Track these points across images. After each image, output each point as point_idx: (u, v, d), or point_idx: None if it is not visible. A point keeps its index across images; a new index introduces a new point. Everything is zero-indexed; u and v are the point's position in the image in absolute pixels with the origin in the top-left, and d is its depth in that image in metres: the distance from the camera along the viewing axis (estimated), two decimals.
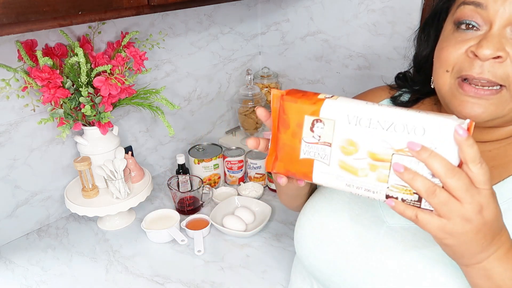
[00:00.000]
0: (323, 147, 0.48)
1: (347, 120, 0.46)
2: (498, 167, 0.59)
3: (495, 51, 0.51)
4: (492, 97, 0.54)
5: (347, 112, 0.46)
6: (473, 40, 0.54)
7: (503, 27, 0.52)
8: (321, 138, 0.48)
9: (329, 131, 0.47)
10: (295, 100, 0.50)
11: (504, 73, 0.52)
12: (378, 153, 0.45)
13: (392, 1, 1.12)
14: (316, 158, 0.49)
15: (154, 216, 1.09)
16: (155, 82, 1.22)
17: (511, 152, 0.59)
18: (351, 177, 0.47)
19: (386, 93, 0.75)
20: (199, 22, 1.28)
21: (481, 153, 0.60)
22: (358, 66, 1.27)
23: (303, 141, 0.50)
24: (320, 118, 0.48)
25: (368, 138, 0.45)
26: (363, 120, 0.45)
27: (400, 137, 0.43)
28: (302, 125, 0.49)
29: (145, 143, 1.28)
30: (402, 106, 0.71)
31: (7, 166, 1.00)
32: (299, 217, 0.73)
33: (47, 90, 0.88)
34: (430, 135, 0.42)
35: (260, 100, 1.41)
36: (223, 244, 1.03)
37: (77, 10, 0.69)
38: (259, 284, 0.91)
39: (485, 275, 0.48)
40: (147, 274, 0.94)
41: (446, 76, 0.57)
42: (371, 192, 0.46)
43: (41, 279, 0.93)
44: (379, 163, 0.45)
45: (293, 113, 0.50)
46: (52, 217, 1.13)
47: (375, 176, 0.45)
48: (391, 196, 0.45)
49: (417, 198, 0.44)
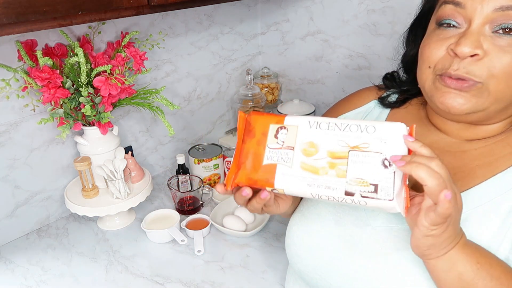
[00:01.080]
0: (286, 151, 0.53)
1: (309, 125, 0.53)
2: (482, 166, 0.59)
3: (473, 49, 0.52)
4: (473, 88, 0.55)
5: (308, 119, 0.53)
6: (454, 38, 0.55)
7: (482, 25, 0.53)
8: (285, 143, 0.53)
9: (292, 136, 0.53)
10: (261, 114, 0.56)
11: (482, 69, 0.53)
12: (336, 151, 0.51)
13: (392, 1, 1.12)
14: (279, 162, 0.54)
15: (154, 216, 1.09)
16: (155, 82, 1.22)
17: (497, 150, 0.60)
18: (312, 177, 0.52)
19: (374, 94, 0.76)
20: (199, 22, 1.28)
21: (466, 151, 0.63)
22: (358, 66, 1.27)
23: (267, 147, 0.54)
24: (285, 125, 0.54)
25: (327, 139, 0.51)
26: (322, 124, 0.52)
27: (354, 135, 0.50)
28: (267, 133, 0.54)
29: (145, 143, 1.28)
30: (390, 106, 0.73)
31: (7, 166, 1.00)
32: (288, 224, 0.74)
33: (47, 90, 0.88)
34: (379, 132, 0.49)
35: (260, 100, 1.41)
36: (223, 244, 1.03)
37: (77, 10, 0.69)
38: (259, 284, 0.91)
39: (449, 265, 0.51)
40: (147, 274, 0.94)
41: (429, 71, 0.59)
42: (331, 189, 0.51)
43: (41, 279, 0.93)
44: (338, 160, 0.50)
45: (259, 124, 0.55)
46: (52, 217, 1.13)
47: (334, 173, 0.50)
48: (349, 190, 0.50)
49: (373, 188, 0.48)
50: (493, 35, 0.53)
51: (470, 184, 0.58)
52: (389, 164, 0.48)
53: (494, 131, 0.61)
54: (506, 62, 0.52)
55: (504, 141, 0.60)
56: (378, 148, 0.49)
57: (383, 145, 0.49)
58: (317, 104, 1.43)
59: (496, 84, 0.53)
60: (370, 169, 0.48)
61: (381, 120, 0.72)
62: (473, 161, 0.60)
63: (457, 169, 0.61)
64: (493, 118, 0.59)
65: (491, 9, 0.52)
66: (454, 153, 0.62)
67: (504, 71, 0.52)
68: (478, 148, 0.61)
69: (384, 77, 0.77)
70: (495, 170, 0.58)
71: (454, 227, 0.49)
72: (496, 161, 0.59)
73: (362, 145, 0.49)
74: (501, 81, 0.53)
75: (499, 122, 0.60)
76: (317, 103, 1.43)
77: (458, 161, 0.61)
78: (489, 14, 0.52)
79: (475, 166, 0.60)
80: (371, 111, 0.74)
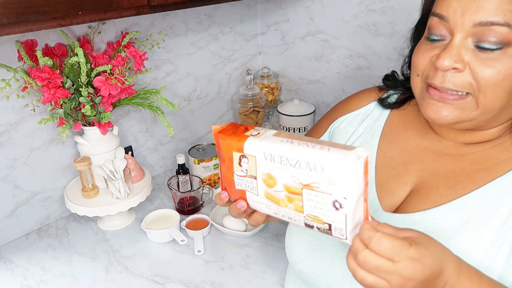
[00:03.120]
0: (250, 179, 0.53)
1: (264, 157, 0.51)
2: (481, 170, 0.59)
3: (453, 63, 0.53)
4: (456, 102, 0.55)
5: (263, 150, 0.51)
6: (439, 49, 0.56)
7: (464, 38, 0.53)
8: (248, 172, 0.53)
9: (252, 166, 0.52)
10: (225, 138, 0.54)
11: (464, 81, 0.54)
12: (291, 187, 0.49)
13: (392, 1, 1.12)
14: (247, 189, 0.54)
15: (154, 216, 1.09)
16: (155, 82, 1.22)
17: (495, 155, 0.60)
18: (276, 206, 0.52)
19: (374, 95, 0.76)
20: (199, 22, 1.28)
21: (465, 155, 0.62)
22: (358, 66, 1.27)
23: (235, 174, 0.55)
24: (245, 154, 0.52)
25: (281, 173, 0.50)
26: (275, 157, 0.50)
27: (305, 173, 0.48)
28: (232, 160, 0.54)
29: (145, 143, 1.28)
30: (389, 107, 0.73)
31: (7, 166, 1.00)
32: (288, 224, 0.75)
33: (47, 90, 0.88)
34: (328, 172, 0.46)
35: (260, 100, 1.41)
36: (223, 244, 1.03)
37: (77, 10, 0.69)
38: (259, 284, 0.91)
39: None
40: (147, 274, 0.94)
41: (418, 79, 0.60)
42: (293, 220, 0.51)
43: (41, 279, 0.93)
44: (293, 195, 0.50)
45: (225, 149, 0.55)
46: (52, 217, 1.13)
47: (293, 207, 0.50)
48: (308, 223, 0.50)
49: (328, 227, 0.48)
50: (475, 48, 0.53)
51: (469, 188, 0.58)
52: (340, 206, 0.46)
53: (491, 136, 0.61)
54: (488, 75, 0.52)
55: (502, 145, 0.60)
56: (328, 190, 0.46)
57: (332, 186, 0.46)
58: (317, 104, 1.43)
59: (483, 96, 0.54)
60: (323, 208, 0.48)
61: (380, 121, 0.72)
62: (472, 165, 0.60)
63: (457, 172, 0.61)
64: (485, 125, 0.59)
65: (471, 24, 0.52)
66: (453, 156, 0.63)
67: (487, 84, 0.53)
68: (477, 152, 0.61)
69: (385, 77, 0.77)
70: (494, 175, 0.58)
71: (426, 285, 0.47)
72: (495, 166, 0.59)
73: (313, 184, 0.47)
74: (486, 94, 0.54)
75: (494, 127, 0.60)
76: (317, 103, 1.43)
77: (457, 164, 0.61)
78: (470, 29, 0.53)
79: (475, 170, 0.60)
80: (371, 112, 0.74)
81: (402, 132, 0.69)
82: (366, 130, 0.72)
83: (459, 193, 0.59)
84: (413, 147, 0.67)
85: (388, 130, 0.71)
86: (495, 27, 0.51)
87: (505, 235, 0.54)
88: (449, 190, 0.60)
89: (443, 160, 0.63)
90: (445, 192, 0.60)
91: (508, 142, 0.60)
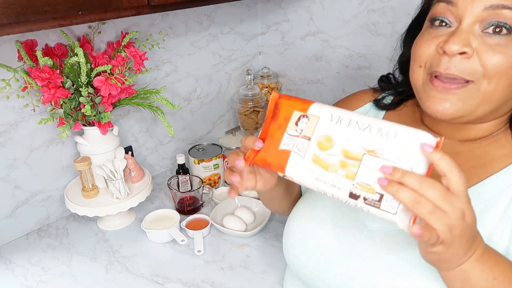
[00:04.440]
0: (302, 140, 0.52)
1: (330, 118, 0.50)
2: (477, 167, 0.59)
3: (462, 47, 0.53)
4: (459, 91, 0.55)
5: (331, 112, 0.51)
6: (444, 36, 0.56)
7: (472, 24, 0.53)
8: (303, 132, 0.52)
9: (311, 126, 0.51)
10: (289, 98, 0.54)
11: (471, 68, 0.53)
12: (351, 151, 0.48)
13: (392, 1, 1.12)
14: (293, 150, 0.52)
15: (154, 216, 1.09)
16: (155, 82, 1.22)
17: (491, 152, 0.60)
18: (321, 171, 0.50)
19: (369, 96, 0.76)
20: (199, 22, 1.28)
21: (461, 153, 0.62)
22: (358, 66, 1.27)
23: (286, 133, 0.53)
24: (307, 114, 0.52)
25: (344, 136, 0.49)
26: (343, 120, 0.49)
27: (373, 139, 0.47)
28: (290, 118, 0.53)
29: (145, 143, 1.28)
30: (385, 108, 0.73)
31: (7, 166, 1.00)
32: (286, 224, 0.75)
33: (47, 90, 0.88)
34: (401, 140, 0.45)
35: (260, 100, 1.41)
36: (223, 244, 1.03)
37: (77, 10, 0.69)
38: (259, 284, 0.91)
39: (462, 277, 0.49)
40: (147, 274, 0.94)
41: (420, 71, 0.59)
42: (336, 188, 0.49)
43: (41, 279, 0.93)
44: (350, 160, 0.48)
45: (285, 108, 0.54)
46: (52, 217, 1.13)
47: (343, 173, 0.48)
48: (354, 193, 0.47)
49: (378, 197, 0.46)
50: (483, 34, 0.53)
51: None
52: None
53: (486, 131, 0.61)
54: (496, 61, 0.52)
55: (498, 142, 0.60)
56: (394, 158, 0.45)
57: (401, 154, 0.45)
58: None
59: (487, 83, 0.54)
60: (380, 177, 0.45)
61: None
62: (468, 162, 0.61)
63: None
64: (483, 118, 0.59)
65: (481, 8, 0.52)
66: (449, 154, 0.63)
67: (495, 70, 0.53)
68: (472, 150, 0.62)
69: (380, 79, 0.77)
70: (490, 171, 0.58)
71: (461, 244, 0.46)
72: (491, 162, 0.59)
73: (379, 151, 0.46)
74: (492, 81, 0.53)
75: (490, 121, 0.60)
76: None
77: None
78: (479, 12, 0.53)
79: (471, 167, 0.60)
80: (367, 113, 0.75)
81: None
82: None
83: None
84: None
85: None
86: (506, 11, 0.51)
87: (502, 231, 0.55)
88: None
89: None
90: None
91: (503, 139, 0.60)
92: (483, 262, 0.49)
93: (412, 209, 0.43)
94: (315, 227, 0.68)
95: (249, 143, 0.56)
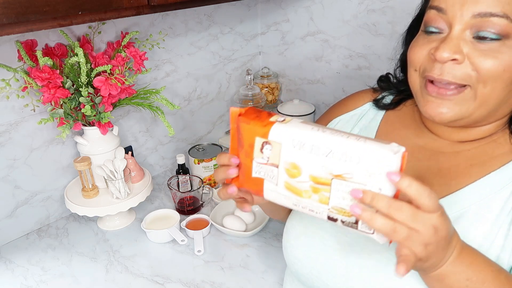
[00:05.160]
0: (271, 168, 0.50)
1: (292, 144, 0.48)
2: (476, 166, 0.60)
3: (452, 54, 0.53)
4: (455, 97, 0.56)
5: (292, 137, 0.48)
6: (436, 42, 0.56)
7: (462, 30, 0.54)
8: (270, 160, 0.50)
9: (276, 153, 0.49)
10: (248, 122, 0.52)
11: (464, 73, 0.54)
12: (319, 177, 0.47)
13: (392, 1, 1.12)
14: (266, 178, 0.52)
15: (154, 216, 1.09)
16: (155, 82, 1.22)
17: (489, 151, 0.61)
18: (296, 198, 0.50)
19: (369, 96, 0.77)
20: (199, 22, 1.28)
21: (460, 152, 0.63)
22: (358, 66, 1.27)
23: (254, 161, 0.52)
24: (269, 140, 0.50)
25: (309, 162, 0.47)
26: (306, 146, 0.47)
27: (338, 163, 0.45)
28: (253, 146, 0.51)
29: (145, 143, 1.28)
30: (384, 108, 0.73)
31: (7, 166, 1.00)
32: (285, 226, 0.75)
33: (47, 90, 0.88)
34: (364, 163, 0.44)
35: (260, 100, 1.41)
36: (223, 244, 1.03)
37: (77, 10, 0.69)
38: (259, 284, 0.91)
39: (438, 279, 0.51)
40: (147, 274, 0.94)
41: (416, 75, 0.60)
42: (315, 212, 0.49)
43: (41, 279, 0.93)
44: (321, 186, 0.47)
45: (246, 135, 0.52)
46: (52, 217, 1.13)
47: (317, 198, 0.48)
48: (332, 217, 0.48)
49: (355, 220, 0.46)
50: (474, 40, 0.54)
51: (464, 183, 0.59)
52: None
53: (485, 133, 0.62)
54: (489, 65, 0.53)
55: (496, 142, 0.61)
56: (363, 180, 0.44)
57: (368, 177, 0.44)
58: (317, 104, 1.43)
59: (482, 87, 0.54)
60: (352, 200, 0.45)
61: (375, 121, 0.73)
62: (467, 161, 0.61)
63: (451, 169, 0.61)
64: (482, 121, 0.60)
65: (470, 15, 0.53)
66: (448, 154, 0.63)
67: (489, 74, 0.53)
68: (471, 149, 0.62)
69: (379, 79, 0.78)
70: (488, 169, 0.59)
71: (437, 255, 0.47)
72: (489, 161, 0.60)
73: (346, 175, 0.45)
74: (487, 84, 0.54)
75: (489, 124, 0.61)
76: (317, 103, 1.43)
77: (451, 161, 0.62)
78: (468, 20, 0.53)
79: (469, 166, 0.61)
80: (366, 113, 0.75)
81: (398, 131, 0.70)
82: (362, 130, 0.73)
83: (454, 188, 0.59)
84: (409, 146, 0.67)
85: (383, 130, 0.71)
86: (494, 18, 0.51)
87: (499, 228, 0.55)
88: (444, 186, 0.60)
89: (438, 158, 0.63)
90: (439, 188, 0.60)
91: (501, 139, 0.61)
92: (458, 264, 0.50)
93: (389, 237, 0.45)
94: (314, 227, 0.68)
95: (224, 160, 0.56)
